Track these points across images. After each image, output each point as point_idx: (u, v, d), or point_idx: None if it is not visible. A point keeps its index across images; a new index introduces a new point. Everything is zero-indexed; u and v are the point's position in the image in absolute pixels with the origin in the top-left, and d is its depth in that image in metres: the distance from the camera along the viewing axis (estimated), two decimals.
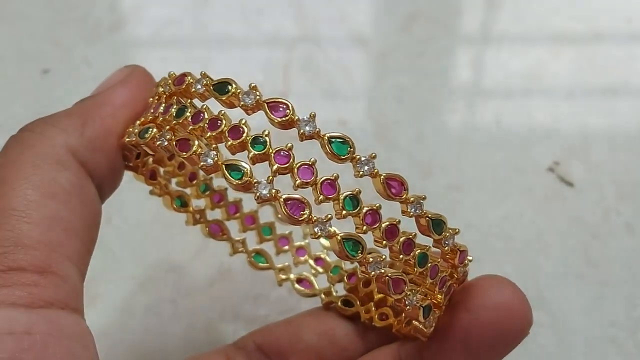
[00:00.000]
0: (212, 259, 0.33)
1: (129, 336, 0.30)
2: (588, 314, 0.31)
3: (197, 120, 0.19)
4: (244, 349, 0.24)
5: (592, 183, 0.35)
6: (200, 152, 0.18)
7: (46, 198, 0.18)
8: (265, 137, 0.18)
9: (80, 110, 0.21)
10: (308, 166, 0.18)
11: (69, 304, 0.17)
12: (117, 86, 0.21)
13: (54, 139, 0.19)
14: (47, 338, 0.16)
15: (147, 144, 0.20)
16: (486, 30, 0.42)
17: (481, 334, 0.20)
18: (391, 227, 0.19)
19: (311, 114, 0.18)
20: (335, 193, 0.18)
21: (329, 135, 0.18)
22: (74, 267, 0.18)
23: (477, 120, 0.39)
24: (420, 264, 0.19)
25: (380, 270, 0.19)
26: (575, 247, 0.33)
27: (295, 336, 0.24)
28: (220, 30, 0.42)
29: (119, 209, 0.34)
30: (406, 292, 0.19)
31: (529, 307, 0.20)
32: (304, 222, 0.18)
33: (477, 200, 0.35)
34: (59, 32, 0.41)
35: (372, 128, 0.37)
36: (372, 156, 0.19)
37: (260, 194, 0.18)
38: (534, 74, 0.40)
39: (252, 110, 0.19)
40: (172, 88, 0.20)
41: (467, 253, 0.21)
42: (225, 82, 0.19)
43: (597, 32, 0.42)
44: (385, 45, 0.41)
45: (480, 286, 0.20)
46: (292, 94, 0.38)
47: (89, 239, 0.19)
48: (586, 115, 0.38)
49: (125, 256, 0.33)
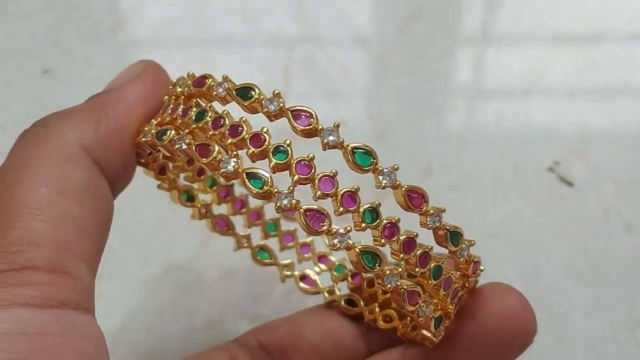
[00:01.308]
0: (213, 259, 0.33)
1: (130, 335, 0.30)
2: (588, 314, 0.31)
3: (217, 125, 0.19)
4: (246, 345, 0.24)
5: (592, 183, 0.35)
6: (220, 158, 0.18)
7: (59, 196, 0.18)
8: (287, 146, 0.18)
9: (94, 107, 0.20)
10: (329, 177, 0.18)
11: (81, 304, 0.17)
12: (131, 82, 0.21)
13: (68, 135, 0.19)
14: (59, 339, 0.16)
15: (164, 146, 0.20)
16: (486, 31, 0.42)
17: (486, 341, 0.20)
18: (409, 240, 0.19)
19: (335, 123, 0.18)
20: (355, 205, 0.18)
21: (352, 146, 0.18)
22: (86, 266, 0.18)
23: (477, 120, 0.39)
24: (435, 277, 0.20)
25: (397, 282, 0.19)
26: (575, 247, 0.33)
27: (298, 335, 0.24)
28: (220, 30, 0.42)
29: (120, 209, 0.34)
30: (420, 303, 0.19)
31: (533, 315, 0.20)
32: (323, 233, 0.18)
33: (477, 200, 0.35)
34: (59, 32, 0.41)
35: (372, 128, 0.37)
36: (395, 168, 0.19)
37: (280, 204, 0.18)
38: (534, 74, 0.40)
39: (275, 117, 0.19)
40: (191, 89, 0.20)
41: (480, 263, 0.21)
42: (248, 87, 0.19)
43: (597, 32, 0.42)
44: (386, 45, 0.41)
45: (486, 293, 0.21)
46: (292, 94, 0.39)
47: (101, 238, 0.19)
48: (586, 115, 0.38)
49: (126, 256, 0.33)
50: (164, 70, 0.22)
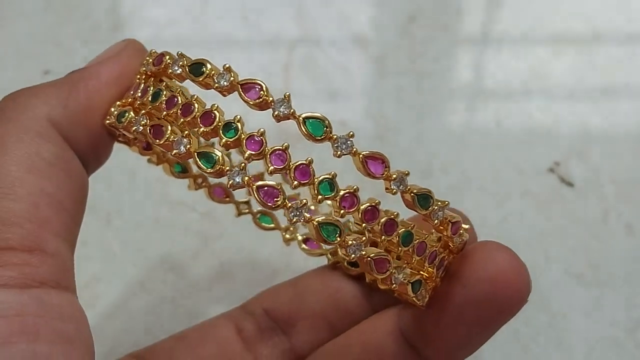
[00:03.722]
0: (212, 260, 0.33)
1: (129, 337, 0.30)
2: (588, 315, 0.31)
3: (170, 105, 0.19)
4: (252, 314, 0.24)
5: (592, 183, 0.35)
6: (173, 139, 0.18)
7: (30, 173, 0.18)
8: (237, 122, 0.18)
9: (67, 82, 0.20)
10: (280, 151, 0.18)
11: (60, 282, 0.17)
12: (108, 60, 0.21)
13: (36, 110, 0.19)
14: (39, 320, 0.16)
15: (124, 128, 0.19)
16: (486, 31, 0.42)
17: (477, 307, 0.20)
18: (371, 208, 0.19)
19: (286, 94, 0.18)
20: (309, 178, 0.18)
21: (305, 116, 0.18)
22: (64, 242, 0.18)
23: (478, 120, 0.39)
24: (404, 243, 0.19)
25: (361, 252, 0.19)
26: (575, 248, 0.33)
27: (302, 301, 0.24)
28: (220, 30, 0.42)
29: (119, 209, 0.34)
30: (391, 270, 0.19)
31: (525, 276, 0.20)
32: (278, 208, 0.18)
33: (477, 201, 0.35)
34: (59, 32, 0.41)
35: (372, 128, 0.37)
36: (350, 135, 0.18)
37: (233, 182, 0.18)
38: (534, 74, 0.40)
39: (227, 92, 0.19)
40: (152, 68, 0.20)
41: (461, 223, 0.20)
42: (200, 62, 0.19)
43: (598, 32, 0.42)
44: (385, 45, 0.41)
45: (474, 256, 0.20)
46: (292, 95, 0.38)
47: (77, 212, 0.19)
48: (586, 115, 0.38)
49: (125, 256, 0.33)
50: (145, 50, 0.22)
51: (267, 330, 0.24)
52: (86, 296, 0.31)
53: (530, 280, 0.20)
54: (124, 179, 0.35)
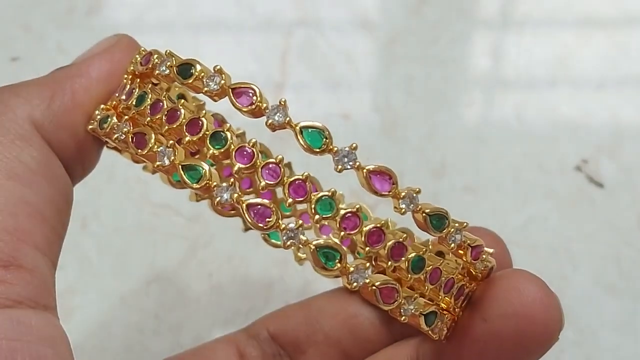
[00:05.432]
0: (200, 269, 0.33)
1: (108, 355, 0.30)
2: (620, 331, 0.31)
3: (155, 110, 0.19)
4: (256, 337, 0.24)
5: (625, 184, 0.35)
6: (157, 149, 0.18)
7: (9, 179, 0.18)
8: (227, 132, 0.18)
9: (52, 80, 0.20)
10: (274, 165, 0.18)
11: (39, 301, 0.17)
12: (97, 57, 0.21)
13: (17, 110, 0.19)
14: (15, 343, 0.16)
15: (106, 135, 0.19)
16: (507, 13, 0.42)
17: (499, 344, 0.19)
18: (375, 230, 0.18)
19: (281, 100, 0.18)
20: (306, 195, 0.18)
21: (302, 125, 0.18)
22: (43, 257, 0.18)
23: (496, 113, 0.39)
24: (414, 270, 0.19)
25: (364, 279, 0.18)
26: (606, 256, 0.33)
27: (314, 325, 0.23)
28: (209, 13, 0.42)
29: (96, 212, 0.34)
30: (399, 300, 0.19)
31: (556, 310, 0.19)
32: (270, 229, 0.18)
33: (495, 203, 0.35)
34: (29, 15, 0.41)
35: (378, 123, 0.37)
36: (353, 147, 0.18)
37: (220, 199, 0.18)
38: (560, 62, 0.40)
39: (217, 96, 0.19)
40: (139, 68, 0.20)
41: (482, 247, 0.20)
42: (189, 63, 0.19)
43: (631, 15, 0.42)
44: (394, 29, 0.41)
45: (498, 286, 0.20)
46: (289, 85, 0.38)
47: (60, 224, 0.19)
48: (618, 107, 0.38)
49: (104, 265, 0.33)
50: (138, 46, 0.22)
51: (273, 357, 0.24)
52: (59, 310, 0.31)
53: (562, 314, 0.20)
54: (102, 178, 0.35)
